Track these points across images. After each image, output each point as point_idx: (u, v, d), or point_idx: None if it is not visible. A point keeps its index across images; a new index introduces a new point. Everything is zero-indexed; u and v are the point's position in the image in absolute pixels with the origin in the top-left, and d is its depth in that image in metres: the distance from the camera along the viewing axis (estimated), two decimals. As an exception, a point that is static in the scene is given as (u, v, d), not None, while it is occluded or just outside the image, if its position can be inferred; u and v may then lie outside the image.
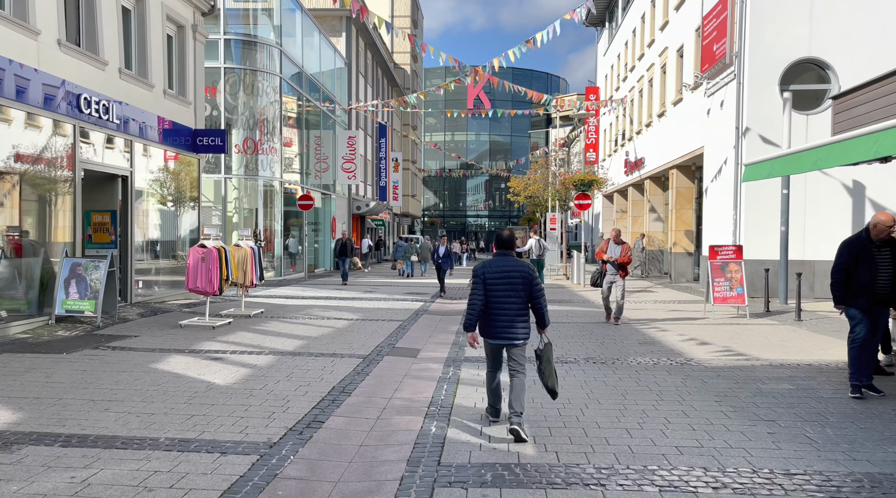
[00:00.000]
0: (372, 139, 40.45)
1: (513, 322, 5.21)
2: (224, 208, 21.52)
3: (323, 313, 12.99)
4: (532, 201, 36.64)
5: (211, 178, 21.50)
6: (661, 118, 24.88)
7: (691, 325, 11.60)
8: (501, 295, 5.20)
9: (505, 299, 5.19)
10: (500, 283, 5.20)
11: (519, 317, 5.23)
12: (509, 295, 5.19)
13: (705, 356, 8.54)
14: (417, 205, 63.94)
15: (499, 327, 5.23)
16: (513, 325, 5.22)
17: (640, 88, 29.04)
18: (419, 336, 10.32)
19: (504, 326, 5.22)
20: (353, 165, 30.23)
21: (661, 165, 24.52)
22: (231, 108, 21.47)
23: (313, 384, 6.79)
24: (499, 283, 5.20)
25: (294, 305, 14.52)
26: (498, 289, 5.20)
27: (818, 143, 8.11)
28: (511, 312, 5.20)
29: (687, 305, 14.86)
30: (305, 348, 8.93)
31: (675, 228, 23.04)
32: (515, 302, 5.20)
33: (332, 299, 15.90)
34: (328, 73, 30.33)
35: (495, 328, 5.24)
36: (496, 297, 5.20)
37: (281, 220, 22.94)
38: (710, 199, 18.96)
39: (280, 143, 22.79)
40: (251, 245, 12.33)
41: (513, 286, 5.20)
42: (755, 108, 16.05)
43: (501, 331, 5.23)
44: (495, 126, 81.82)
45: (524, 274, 5.23)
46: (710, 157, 18.94)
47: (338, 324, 11.50)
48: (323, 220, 29.63)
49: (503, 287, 5.20)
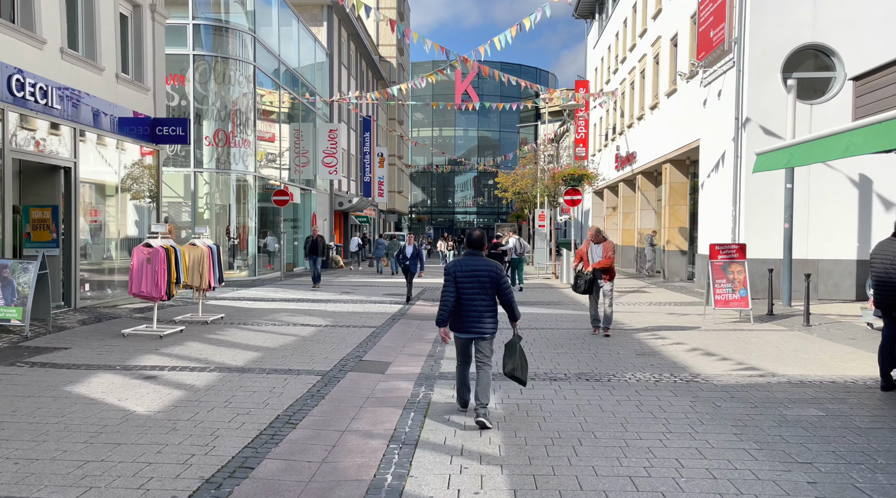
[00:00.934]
0: (356, 133, 39.26)
1: (481, 317, 5.52)
2: (194, 204, 20.31)
3: (290, 318, 11.87)
4: (520, 198, 35.63)
5: (181, 172, 20.30)
6: (653, 111, 23.90)
7: (692, 332, 10.59)
8: (471, 292, 5.50)
9: (474, 296, 5.51)
10: (469, 281, 5.50)
11: (487, 312, 5.54)
12: (478, 292, 5.51)
13: (713, 371, 7.51)
14: (404, 201, 62.79)
15: (468, 322, 5.54)
16: (481, 320, 5.52)
17: (631, 80, 28.07)
18: (392, 346, 9.23)
19: (473, 321, 5.52)
20: (335, 160, 29.05)
21: (654, 160, 23.55)
22: (201, 98, 20.24)
23: (254, 412, 5.69)
24: (468, 281, 5.50)
25: (261, 308, 13.39)
26: (467, 286, 5.50)
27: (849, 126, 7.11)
28: (480, 308, 5.51)
29: (684, 308, 13.86)
30: (258, 363, 7.82)
31: (669, 225, 22.08)
32: (484, 299, 5.52)
33: (304, 302, 14.78)
34: (308, 64, 29.11)
35: (465, 323, 5.55)
36: (466, 294, 5.51)
37: (255, 217, 21.74)
38: (707, 195, 18.00)
39: (254, 136, 21.59)
40: (209, 244, 11.18)
41: (481, 284, 5.50)
42: (756, 97, 15.06)
43: (471, 326, 5.54)
44: (484, 121, 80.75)
45: (492, 272, 5.52)
46: (706, 150, 17.97)
47: (303, 331, 10.39)
48: (303, 216, 28.45)
49: (472, 284, 5.50)
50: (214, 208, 21.13)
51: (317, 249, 18.67)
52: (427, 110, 79.32)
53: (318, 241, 18.76)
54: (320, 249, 18.67)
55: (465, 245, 5.83)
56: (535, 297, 16.49)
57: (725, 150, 16.24)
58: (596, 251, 10.05)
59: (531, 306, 14.21)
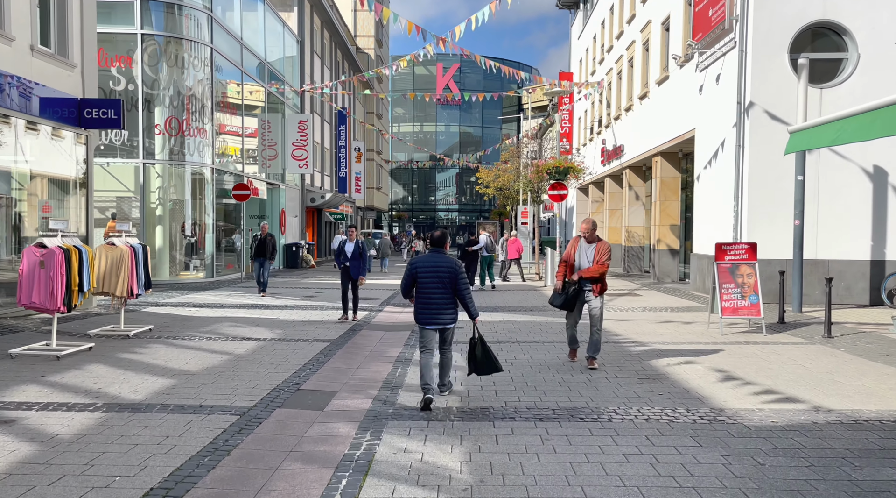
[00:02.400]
0: (331, 127, 37.47)
1: (441, 309, 5.95)
2: (143, 199, 18.48)
3: (232, 330, 10.19)
4: (502, 194, 34.14)
5: (130, 163, 18.46)
6: (643, 100, 22.47)
7: (700, 346, 9.08)
8: (431, 286, 5.93)
9: (434, 290, 5.93)
10: (429, 275, 5.94)
11: (446, 305, 5.97)
12: (438, 286, 5.93)
13: (739, 404, 5.98)
14: (384, 198, 61.06)
15: (430, 314, 5.96)
16: (441, 312, 5.96)
17: (618, 70, 26.63)
18: (343, 368, 7.61)
19: (434, 313, 5.95)
20: (305, 152, 27.30)
21: (643, 153, 22.12)
22: (151, 83, 18.41)
23: (115, 488, 4.03)
24: (429, 275, 5.94)
25: (203, 316, 11.68)
26: (428, 280, 5.94)
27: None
28: (440, 301, 5.94)
29: (683, 315, 12.38)
30: (164, 396, 6.16)
31: (660, 222, 20.66)
32: (443, 293, 5.93)
33: (256, 308, 13.09)
34: (276, 51, 27.30)
35: (427, 315, 5.97)
36: (426, 287, 5.95)
37: (213, 213, 19.95)
38: (703, 189, 16.56)
39: (212, 125, 19.80)
40: (133, 243, 9.47)
41: (440, 279, 5.92)
42: (761, 80, 13.61)
43: (432, 317, 5.96)
44: (465, 117, 79.17)
45: (451, 269, 5.95)
46: (702, 141, 16.53)
47: (241, 347, 8.73)
48: (270, 213, 26.67)
49: (432, 279, 5.93)
50: (168, 204, 19.31)
51: (264, 250, 15.45)
52: (408, 105, 77.57)
53: (266, 242, 15.49)
54: (269, 251, 15.42)
55: (429, 243, 6.31)
56: (516, 300, 14.93)
57: (725, 139, 14.80)
58: (586, 253, 7.58)
59: (510, 313, 12.65)
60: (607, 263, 7.51)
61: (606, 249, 7.54)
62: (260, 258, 15.48)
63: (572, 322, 7.90)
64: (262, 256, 15.44)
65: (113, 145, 18.22)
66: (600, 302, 7.65)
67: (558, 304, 7.67)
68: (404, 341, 9.46)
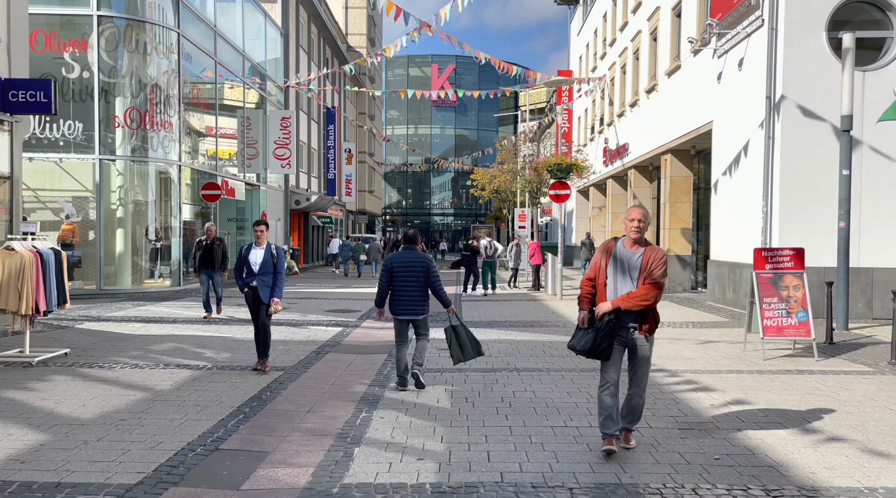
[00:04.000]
0: (319, 126, 35.71)
1: (414, 301, 6.53)
2: (100, 199, 16.65)
3: (169, 353, 8.39)
4: (499, 197, 32.42)
5: (86, 159, 16.65)
6: (650, 95, 20.77)
7: (744, 377, 7.30)
8: (406, 281, 6.52)
9: (408, 283, 6.51)
10: (404, 271, 6.52)
11: (419, 297, 6.55)
12: (412, 280, 6.51)
13: (835, 478, 4.21)
14: (376, 202, 59.29)
15: (404, 306, 6.53)
16: (414, 304, 6.54)
17: (622, 64, 24.96)
18: (289, 411, 5.82)
19: (408, 305, 6.53)
20: (288, 152, 25.50)
21: (651, 151, 20.42)
22: (108, 70, 16.61)
23: None
24: (404, 271, 6.52)
25: (143, 335, 9.87)
26: (403, 275, 6.51)
27: None
28: (414, 294, 6.52)
29: (710, 333, 10.61)
30: (12, 466, 4.36)
31: (669, 226, 18.93)
32: (417, 286, 6.52)
33: (211, 324, 11.28)
34: (257, 43, 25.57)
35: (401, 306, 6.54)
36: (402, 281, 6.52)
37: (180, 215, 18.14)
38: (723, 188, 14.83)
39: (180, 119, 18.01)
40: (42, 249, 7.66)
41: (414, 273, 6.51)
42: (794, 63, 11.91)
43: (406, 308, 6.53)
44: (461, 120, 77.50)
45: (423, 264, 6.56)
46: (721, 135, 14.82)
47: (169, 379, 6.93)
48: (249, 216, 24.86)
49: (407, 274, 6.51)
50: (129, 205, 17.49)
51: (212, 258, 11.85)
52: (402, 107, 75.89)
53: (213, 249, 11.87)
54: (219, 260, 11.91)
55: (402, 241, 6.95)
56: (514, 313, 13.15)
57: (750, 131, 13.09)
58: (628, 265, 4.73)
59: (507, 329, 10.85)
60: (663, 281, 4.68)
61: (661, 260, 4.67)
62: (207, 269, 11.90)
63: (610, 380, 4.75)
64: (210, 266, 11.87)
65: (66, 139, 16.42)
66: (650, 346, 4.79)
67: (584, 348, 4.75)
68: (377, 369, 7.68)
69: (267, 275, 7.31)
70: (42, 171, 17.10)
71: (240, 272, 7.46)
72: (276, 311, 7.33)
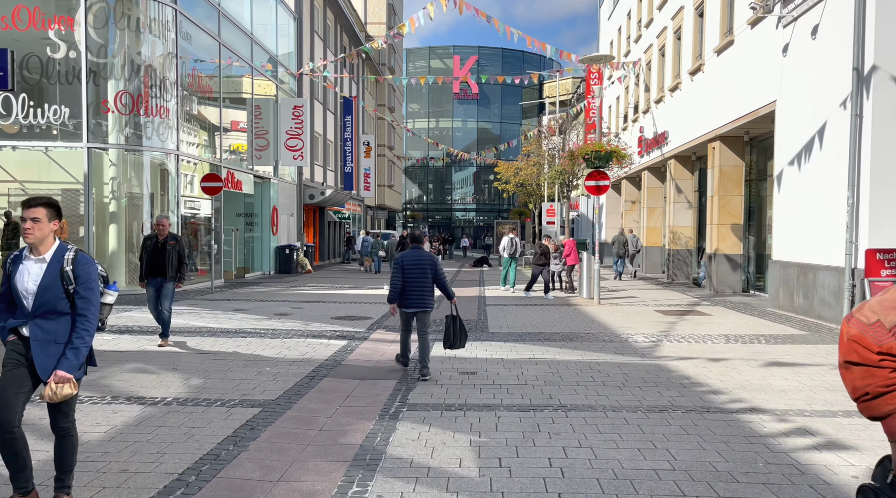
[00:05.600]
0: (335, 117, 34.13)
1: (423, 295, 7.17)
2: (88, 192, 15.18)
3: (126, 379, 6.77)
4: (524, 190, 30.55)
5: (75, 148, 15.18)
6: (695, 76, 18.79)
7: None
8: (415, 276, 7.13)
9: (418, 279, 7.13)
10: (414, 268, 7.14)
11: (427, 292, 7.19)
12: (420, 277, 7.14)
13: None
14: (397, 197, 57.66)
15: (413, 299, 7.16)
16: (423, 297, 7.17)
17: (660, 45, 22.94)
18: (251, 482, 4.12)
19: (417, 299, 7.16)
20: (301, 142, 23.94)
21: (695, 139, 18.46)
22: (97, 49, 15.10)
23: None
24: (413, 268, 7.14)
25: (104, 351, 8.24)
26: (413, 272, 7.12)
27: None
28: (422, 288, 7.15)
29: (792, 351, 8.71)
30: None
31: (718, 221, 16.97)
32: (425, 282, 7.16)
33: (196, 335, 9.66)
34: (268, 26, 24.00)
35: (410, 300, 7.16)
36: (411, 278, 7.12)
37: (178, 210, 16.61)
38: (790, 178, 12.86)
39: (178, 104, 16.47)
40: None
41: (423, 270, 7.15)
42: (888, 28, 9.93)
43: (415, 302, 7.16)
44: (483, 113, 75.47)
45: (431, 262, 7.20)
46: (788, 116, 12.85)
47: (106, 423, 5.29)
48: (260, 211, 23.35)
49: (416, 271, 7.14)
50: (122, 198, 15.99)
51: (163, 263, 8.58)
52: (423, 100, 74.16)
53: (166, 250, 8.60)
54: (171, 266, 8.63)
55: (409, 241, 7.76)
56: (547, 322, 11.34)
57: (829, 110, 11.13)
58: None
59: (543, 344, 9.06)
60: None
61: None
62: (157, 278, 8.59)
63: None
64: (160, 274, 8.57)
65: (53, 126, 14.96)
66: None
67: None
68: (382, 404, 5.98)
69: (52, 316, 3.48)
70: (29, 162, 15.71)
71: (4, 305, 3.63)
72: (56, 397, 3.40)
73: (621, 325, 11.01)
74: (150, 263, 8.69)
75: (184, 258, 8.83)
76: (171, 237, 8.77)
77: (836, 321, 10.66)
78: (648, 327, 10.73)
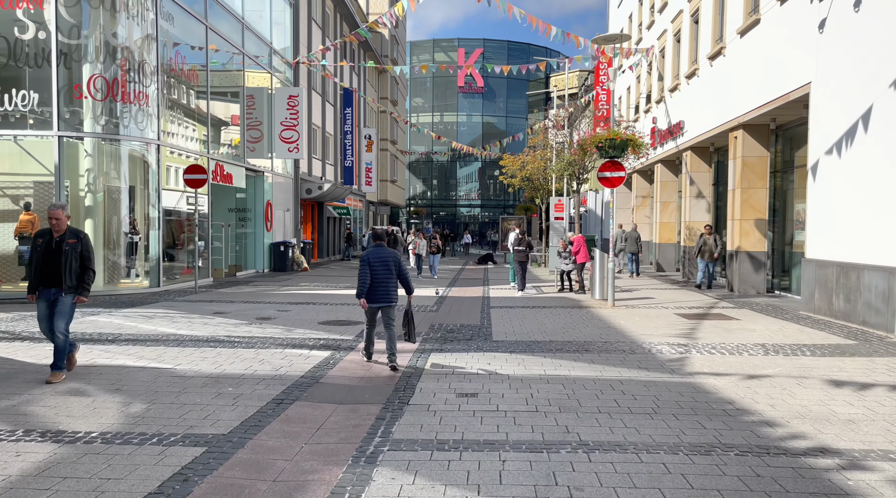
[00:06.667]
0: (335, 109, 32.97)
1: (388, 290, 7.38)
2: (60, 184, 14.05)
3: (49, 407, 5.62)
4: (530, 185, 29.29)
5: (46, 136, 14.06)
6: (714, 61, 17.53)
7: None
8: (381, 273, 7.33)
9: (383, 275, 7.33)
10: (379, 265, 7.33)
11: (392, 287, 7.40)
12: (386, 273, 7.34)
13: None
14: (400, 193, 56.45)
15: (379, 294, 7.35)
16: (388, 292, 7.38)
17: (675, 30, 21.67)
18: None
19: (382, 294, 7.36)
20: (296, 134, 22.78)
21: (714, 128, 17.22)
22: (69, 29, 13.95)
23: None
24: (379, 265, 7.33)
25: (45, 366, 7.13)
26: (378, 269, 7.31)
27: None
28: (387, 285, 7.36)
29: (844, 365, 7.48)
30: None
31: (741, 217, 15.74)
32: (389, 277, 7.38)
33: (158, 344, 8.50)
34: (261, 11, 22.81)
35: (376, 295, 7.35)
36: (377, 274, 7.30)
37: (158, 204, 15.47)
38: (828, 168, 11.60)
39: (158, 89, 15.31)
40: None
41: (387, 267, 7.36)
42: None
43: (380, 297, 7.36)
44: (489, 107, 74.15)
45: (394, 258, 7.44)
46: (824, 100, 11.60)
47: (0, 472, 4.14)
48: (253, 206, 22.20)
49: (382, 267, 7.34)
50: (98, 193, 14.85)
51: (57, 267, 6.50)
52: (427, 95, 72.91)
53: (60, 249, 6.52)
54: (67, 269, 6.50)
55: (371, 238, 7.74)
56: (558, 327, 10.13)
57: (876, 91, 9.88)
58: None
59: (554, 356, 7.85)
60: None
61: None
62: (51, 289, 6.55)
63: None
64: (55, 283, 6.52)
65: (21, 112, 13.83)
66: None
67: None
68: (361, 438, 4.83)
69: None
70: (-3, 152, 14.60)
71: None
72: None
73: (641, 331, 9.81)
74: (40, 268, 6.47)
75: (89, 263, 6.64)
76: (70, 234, 6.58)
77: (886, 328, 9.44)
78: (671, 334, 9.53)
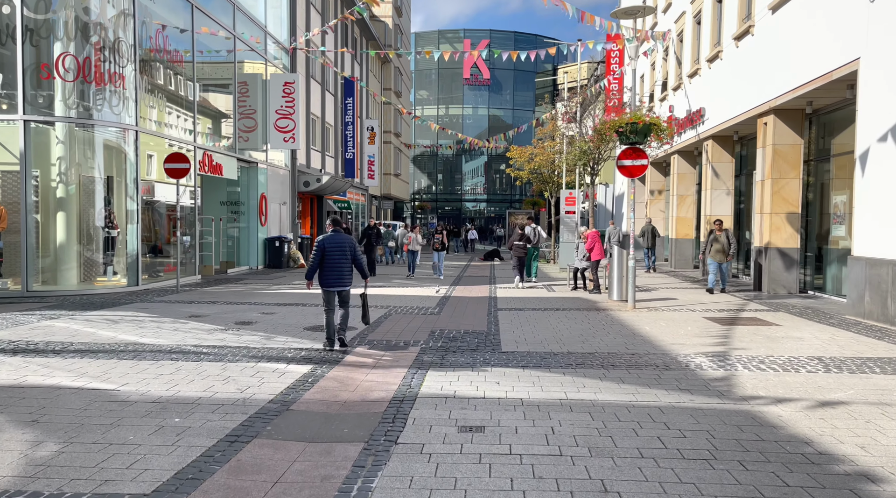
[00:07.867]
0: (335, 98, 31.70)
1: (342, 275, 7.72)
2: (27, 173, 12.85)
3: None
4: (538, 178, 28.00)
5: (11, 120, 12.85)
6: (741, 41, 16.18)
7: None
8: (336, 257, 7.64)
9: (338, 260, 7.66)
10: (335, 250, 7.64)
11: (346, 271, 7.75)
12: (341, 258, 7.67)
13: None
14: (404, 187, 55.16)
15: (334, 279, 7.68)
16: (342, 276, 7.72)
17: (695, 11, 20.30)
18: None
19: (337, 278, 7.69)
20: (292, 123, 21.53)
21: (740, 114, 15.90)
22: (35, 3, 12.73)
23: None
24: (335, 250, 7.64)
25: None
26: (334, 253, 7.63)
27: None
28: (342, 268, 7.71)
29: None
30: None
31: (771, 210, 14.42)
32: (344, 262, 7.71)
33: (114, 355, 7.28)
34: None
35: (331, 279, 7.67)
36: (332, 258, 7.63)
37: (137, 196, 14.26)
38: (881, 155, 10.26)
39: (136, 70, 14.08)
40: None
41: (343, 252, 7.68)
42: None
43: (335, 281, 7.69)
44: (495, 99, 72.69)
45: (350, 244, 7.73)
46: (878, 79, 10.25)
47: None
48: (246, 199, 20.99)
49: (337, 252, 7.65)
50: (71, 185, 13.64)
51: None
52: (432, 87, 71.52)
53: None
54: None
55: (329, 224, 7.88)
56: (575, 334, 8.84)
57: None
58: None
59: (575, 373, 6.56)
60: None
61: None
62: None
63: None
64: None
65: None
66: None
67: None
68: (342, 478, 3.59)
69: None
70: (-38, 139, 13.41)
71: None
72: None
73: (671, 340, 8.54)
74: None
75: None
76: None
77: (958, 338, 8.12)
78: (707, 344, 8.26)
